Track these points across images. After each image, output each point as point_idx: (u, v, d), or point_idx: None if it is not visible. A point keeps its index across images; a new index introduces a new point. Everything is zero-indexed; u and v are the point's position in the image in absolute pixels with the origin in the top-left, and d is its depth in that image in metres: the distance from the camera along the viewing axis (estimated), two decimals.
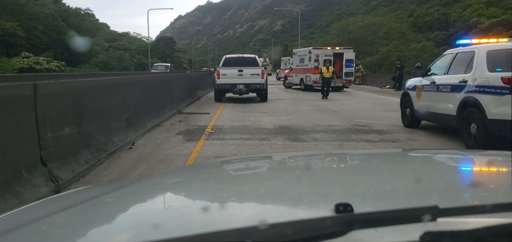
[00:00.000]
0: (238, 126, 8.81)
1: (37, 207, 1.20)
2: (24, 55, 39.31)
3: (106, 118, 6.00)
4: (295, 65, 24.75)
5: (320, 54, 21.40)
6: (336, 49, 22.55)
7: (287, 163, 1.70)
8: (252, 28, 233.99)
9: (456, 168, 1.50)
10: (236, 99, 15.26)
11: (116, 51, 58.53)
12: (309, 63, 21.91)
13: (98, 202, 1.09)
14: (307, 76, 21.93)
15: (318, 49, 22.54)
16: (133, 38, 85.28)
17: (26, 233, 0.87)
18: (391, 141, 7.17)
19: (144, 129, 7.61)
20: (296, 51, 25.29)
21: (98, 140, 5.48)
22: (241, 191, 1.14)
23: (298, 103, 14.70)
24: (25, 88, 3.93)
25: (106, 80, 7.06)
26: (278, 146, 6.71)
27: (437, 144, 7.03)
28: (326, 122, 9.69)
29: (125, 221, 0.94)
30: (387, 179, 1.22)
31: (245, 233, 0.60)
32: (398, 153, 2.08)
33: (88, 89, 5.65)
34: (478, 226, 0.62)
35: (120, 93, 6.89)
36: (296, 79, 23.86)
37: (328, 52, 21.46)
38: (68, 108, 4.76)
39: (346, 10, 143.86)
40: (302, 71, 22.77)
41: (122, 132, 6.47)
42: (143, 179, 1.87)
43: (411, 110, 8.30)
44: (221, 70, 14.43)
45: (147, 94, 8.62)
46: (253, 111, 11.86)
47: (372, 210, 0.81)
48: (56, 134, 4.31)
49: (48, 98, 4.26)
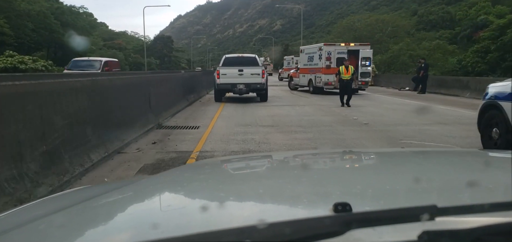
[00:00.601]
0: (237, 152, 5.93)
1: (35, 207, 1.18)
2: (8, 53, 36.69)
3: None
4: (302, 65, 21.40)
5: (332, 51, 18.51)
6: (351, 45, 19.25)
7: (286, 163, 1.68)
8: (251, 28, 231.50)
9: (455, 167, 1.45)
10: (236, 102, 13.85)
11: (110, 50, 54.61)
12: (319, 61, 18.87)
13: (96, 201, 1.09)
14: (316, 77, 19.01)
15: (330, 45, 19.41)
16: (131, 37, 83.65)
17: (24, 233, 0.86)
18: None
19: (87, 164, 4.66)
20: (304, 49, 21.89)
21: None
22: (240, 191, 1.14)
23: (314, 112, 11.64)
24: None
25: None
26: None
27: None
28: (363, 142, 6.81)
29: (124, 221, 0.93)
30: (386, 179, 1.23)
31: (244, 232, 0.60)
32: (397, 152, 2.05)
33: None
34: (476, 225, 0.62)
35: (33, 108, 3.95)
36: (304, 80, 20.77)
37: (342, 49, 18.48)
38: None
39: (346, 10, 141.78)
40: (311, 71, 19.71)
41: (26, 180, 3.53)
42: (142, 178, 1.73)
43: (505, 131, 5.37)
44: (221, 69, 14.14)
45: (99, 104, 5.68)
46: (257, 123, 8.95)
47: (371, 209, 0.81)
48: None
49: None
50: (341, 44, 19.52)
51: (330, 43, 20.48)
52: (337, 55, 18.02)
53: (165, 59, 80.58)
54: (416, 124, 8.80)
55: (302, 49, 21.97)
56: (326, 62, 18.24)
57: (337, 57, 17.72)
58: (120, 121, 6.39)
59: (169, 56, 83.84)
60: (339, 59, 15.68)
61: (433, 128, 8.16)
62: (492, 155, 1.71)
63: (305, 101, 15.25)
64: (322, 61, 18.43)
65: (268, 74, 17.49)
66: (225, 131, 7.93)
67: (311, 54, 20.19)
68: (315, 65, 19.38)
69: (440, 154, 1.92)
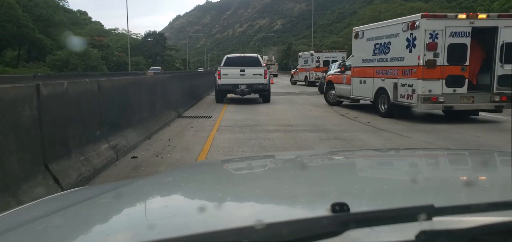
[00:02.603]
0: None
1: (33, 208, 1.18)
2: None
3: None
4: (359, 61, 11.36)
5: (440, 32, 8.67)
6: (483, 17, 9.07)
7: (284, 163, 1.67)
8: (251, 27, 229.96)
9: (452, 167, 1.48)
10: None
11: (89, 48, 48.47)
12: (406, 52, 9.22)
13: (94, 202, 1.09)
14: (399, 83, 9.44)
15: (438, 17, 8.95)
16: (121, 35, 77.09)
17: (22, 234, 0.86)
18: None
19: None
20: (363, 31, 11.39)
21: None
22: (238, 191, 1.14)
23: None
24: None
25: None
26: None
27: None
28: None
29: (121, 222, 0.93)
30: (383, 179, 1.25)
31: (241, 233, 0.61)
32: (394, 152, 2.04)
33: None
34: (473, 225, 0.63)
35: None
36: (362, 88, 11.14)
37: (464, 25, 8.76)
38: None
39: (348, 9, 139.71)
40: (384, 71, 10.09)
41: None
42: (139, 179, 1.59)
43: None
44: (222, 70, 13.77)
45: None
46: None
47: (368, 209, 0.82)
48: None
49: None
50: (460, 16, 8.96)
51: (437, 15, 9.26)
52: (450, 40, 8.67)
53: (157, 58, 74.61)
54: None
55: (359, 32, 11.51)
56: (429, 53, 8.65)
57: (451, 43, 8.69)
58: None
59: (161, 55, 77.80)
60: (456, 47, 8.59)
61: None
62: (489, 155, 1.71)
63: None
64: (418, 50, 8.77)
65: (272, 76, 16.49)
66: None
67: (385, 39, 10.13)
68: (398, 59, 9.46)
69: (437, 154, 1.94)
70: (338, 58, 23.51)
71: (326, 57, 26.18)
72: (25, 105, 3.42)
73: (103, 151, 4.87)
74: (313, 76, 26.06)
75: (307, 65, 27.67)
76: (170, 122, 8.72)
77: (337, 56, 25.86)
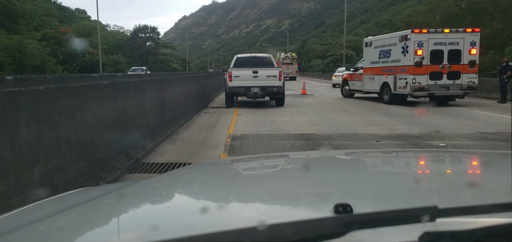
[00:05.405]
0: None
1: (36, 209, 1.18)
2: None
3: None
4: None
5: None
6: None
7: (287, 164, 1.68)
8: (258, 28, 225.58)
9: (455, 168, 1.46)
10: None
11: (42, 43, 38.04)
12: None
13: (96, 203, 1.09)
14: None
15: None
16: (111, 32, 70.51)
17: (25, 235, 0.86)
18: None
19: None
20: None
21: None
22: (241, 192, 1.14)
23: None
24: None
25: None
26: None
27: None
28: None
29: (124, 223, 0.93)
30: (387, 180, 1.23)
31: (244, 233, 0.61)
32: (398, 153, 2.02)
33: None
34: (477, 226, 0.62)
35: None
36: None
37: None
38: None
39: (359, 7, 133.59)
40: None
41: None
42: (142, 180, 1.54)
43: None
44: (233, 71, 12.96)
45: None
46: None
47: (372, 210, 0.81)
48: None
49: None
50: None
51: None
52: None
53: (149, 58, 62.46)
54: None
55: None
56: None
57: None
58: None
59: (154, 53, 65.24)
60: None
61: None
62: (492, 156, 1.70)
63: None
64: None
65: (288, 78, 14.63)
66: None
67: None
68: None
69: (441, 155, 1.92)
70: (464, 43, 13.17)
71: (439, 41, 13.04)
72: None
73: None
74: (405, 83, 13.16)
75: (388, 59, 14.13)
76: None
77: (461, 40, 13.18)
